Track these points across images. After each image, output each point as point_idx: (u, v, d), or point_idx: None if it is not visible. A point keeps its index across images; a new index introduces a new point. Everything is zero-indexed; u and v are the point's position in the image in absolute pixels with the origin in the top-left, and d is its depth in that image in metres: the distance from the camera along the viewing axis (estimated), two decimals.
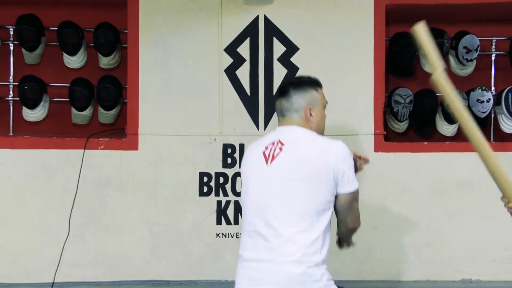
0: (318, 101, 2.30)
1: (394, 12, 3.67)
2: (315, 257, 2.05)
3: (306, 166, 2.05)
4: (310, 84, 2.30)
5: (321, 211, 2.05)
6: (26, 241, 3.52)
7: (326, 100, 2.35)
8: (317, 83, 2.34)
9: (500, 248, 3.61)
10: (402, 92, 3.71)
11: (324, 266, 2.10)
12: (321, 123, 2.32)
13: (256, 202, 2.11)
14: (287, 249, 2.01)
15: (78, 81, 3.74)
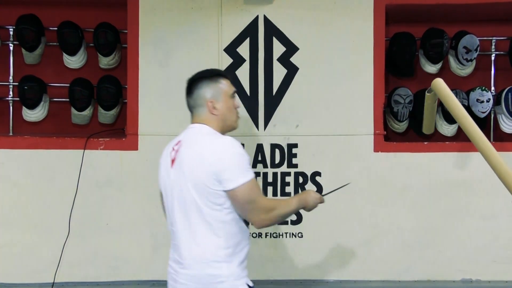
0: (221, 93, 2.27)
1: (394, 12, 3.67)
2: (218, 258, 2.11)
3: (197, 169, 2.11)
4: (211, 77, 2.28)
5: (218, 213, 2.10)
6: (26, 241, 3.52)
7: (234, 89, 2.32)
8: (219, 74, 2.32)
9: (500, 248, 3.61)
10: (402, 92, 3.71)
11: (230, 267, 2.13)
12: (228, 114, 2.28)
13: (166, 204, 2.29)
14: (191, 251, 2.13)
15: (78, 81, 3.75)
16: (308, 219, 3.58)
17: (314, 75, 3.58)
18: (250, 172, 2.13)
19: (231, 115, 2.29)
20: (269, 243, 3.59)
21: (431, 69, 3.82)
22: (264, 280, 3.57)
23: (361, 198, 3.58)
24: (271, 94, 3.58)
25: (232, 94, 2.30)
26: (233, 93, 2.30)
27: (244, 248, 2.22)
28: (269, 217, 2.15)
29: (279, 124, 3.56)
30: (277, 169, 3.56)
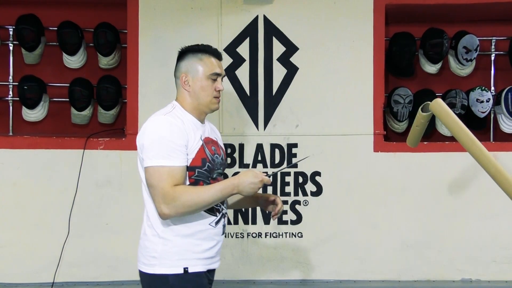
0: (198, 69, 2.17)
1: (394, 12, 3.67)
2: (148, 231, 2.26)
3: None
4: (194, 52, 2.20)
5: (147, 189, 2.18)
6: (26, 241, 3.52)
7: (218, 71, 2.18)
8: (205, 50, 2.21)
9: (500, 248, 3.61)
10: (402, 92, 3.71)
11: (160, 240, 2.19)
12: (201, 93, 2.17)
13: None
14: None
15: (78, 81, 3.74)
16: (308, 219, 3.58)
17: (314, 75, 3.58)
18: (163, 159, 2.06)
19: (204, 96, 2.18)
20: (269, 243, 3.59)
21: (431, 69, 3.82)
22: (264, 280, 3.57)
23: (361, 198, 3.58)
24: (271, 94, 3.58)
25: (211, 75, 2.17)
26: (213, 74, 2.17)
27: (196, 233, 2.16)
28: (170, 204, 2.03)
29: (279, 124, 3.56)
30: (277, 169, 3.56)
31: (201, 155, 2.14)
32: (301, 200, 3.58)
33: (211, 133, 2.28)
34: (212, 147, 2.21)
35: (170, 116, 2.15)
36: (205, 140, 2.19)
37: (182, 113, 2.20)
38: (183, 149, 2.09)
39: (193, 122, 2.19)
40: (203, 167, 2.14)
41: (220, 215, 2.21)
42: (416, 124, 2.41)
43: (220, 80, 2.21)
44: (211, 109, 2.22)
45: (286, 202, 3.58)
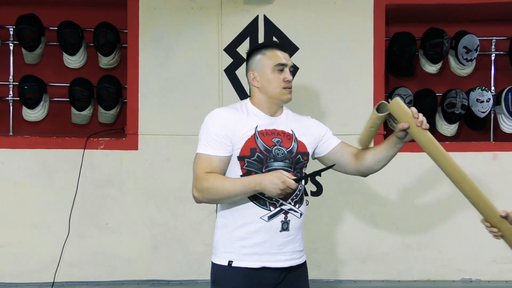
0: (261, 64, 2.27)
1: (394, 12, 3.67)
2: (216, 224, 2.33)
3: None
4: (258, 49, 2.30)
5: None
6: (26, 241, 3.52)
7: (281, 61, 2.25)
8: (267, 45, 2.31)
9: (500, 248, 3.57)
10: (402, 92, 3.70)
11: (217, 231, 2.29)
12: (268, 86, 2.25)
13: None
14: None
15: (78, 81, 3.75)
16: (308, 219, 3.57)
17: (314, 75, 3.58)
18: (204, 147, 2.17)
19: (272, 88, 2.25)
20: None
21: (431, 69, 3.82)
22: None
23: (361, 198, 3.58)
24: None
25: (275, 66, 2.24)
26: (278, 65, 2.24)
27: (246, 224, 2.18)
28: (198, 187, 2.14)
29: None
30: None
31: (250, 145, 2.18)
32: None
33: (286, 126, 2.29)
34: (273, 139, 2.22)
35: (225, 107, 2.27)
36: (262, 131, 2.22)
37: (245, 106, 2.29)
38: (223, 140, 2.16)
39: (255, 114, 2.26)
40: (252, 156, 2.16)
41: (276, 210, 2.19)
42: (371, 125, 2.25)
43: (288, 71, 2.26)
44: (283, 100, 2.27)
45: None
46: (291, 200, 2.22)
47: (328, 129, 2.45)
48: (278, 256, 2.21)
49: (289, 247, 2.24)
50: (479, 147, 3.63)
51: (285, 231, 2.21)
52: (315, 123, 2.44)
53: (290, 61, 2.29)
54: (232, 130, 2.18)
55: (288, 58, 2.29)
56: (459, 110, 3.66)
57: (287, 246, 2.23)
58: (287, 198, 2.20)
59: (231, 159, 2.21)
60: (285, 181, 2.02)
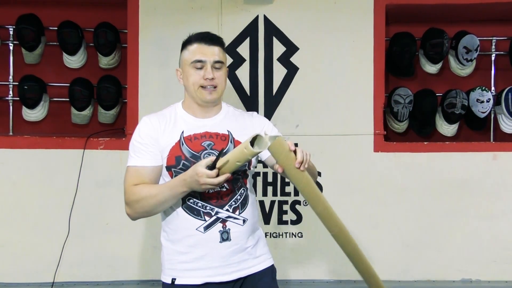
0: (182, 60, 2.11)
1: (394, 12, 3.67)
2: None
3: None
4: (184, 44, 2.16)
5: None
6: (26, 241, 3.52)
7: (197, 59, 2.03)
8: (191, 40, 2.13)
9: (500, 248, 3.61)
10: (402, 92, 3.71)
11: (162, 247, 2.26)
12: (186, 84, 2.08)
13: None
14: None
15: (78, 81, 3.75)
16: (308, 219, 3.58)
17: (314, 75, 3.58)
18: (131, 158, 2.03)
19: (189, 86, 2.06)
20: (269, 243, 3.58)
21: (431, 69, 3.82)
22: None
23: (361, 198, 3.58)
24: (271, 94, 3.57)
25: (192, 63, 2.04)
26: (194, 61, 2.03)
27: (183, 238, 2.05)
28: (127, 202, 2.01)
29: (279, 124, 3.56)
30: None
31: (175, 153, 2.01)
32: (301, 200, 3.58)
33: (222, 127, 2.08)
34: (203, 143, 2.03)
35: (153, 114, 2.12)
36: (190, 136, 2.03)
37: (175, 110, 2.13)
38: (149, 148, 2.01)
39: (183, 118, 2.10)
40: (178, 165, 1.99)
41: (212, 219, 2.01)
42: (239, 159, 1.81)
43: (210, 67, 2.03)
44: (202, 99, 2.06)
45: (286, 202, 3.58)
46: (229, 206, 2.03)
47: (272, 126, 2.24)
48: (223, 269, 2.03)
49: (234, 257, 2.04)
50: (479, 147, 3.63)
51: (226, 241, 2.01)
52: (259, 120, 2.22)
53: (215, 55, 2.04)
54: (156, 139, 2.02)
55: (215, 52, 2.05)
56: (459, 110, 3.66)
57: (232, 257, 2.04)
58: (222, 203, 2.02)
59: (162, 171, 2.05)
60: (198, 172, 1.80)
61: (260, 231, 2.21)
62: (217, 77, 2.05)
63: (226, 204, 2.03)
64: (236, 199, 2.06)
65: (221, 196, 2.03)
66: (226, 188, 2.03)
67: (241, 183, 2.08)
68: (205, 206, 2.01)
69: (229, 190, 2.04)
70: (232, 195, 2.04)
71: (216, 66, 2.05)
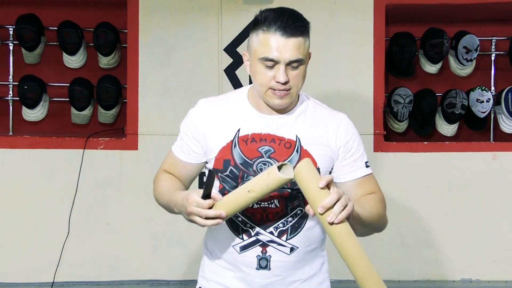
0: (252, 48, 1.61)
1: (394, 12, 3.67)
2: None
3: None
4: (257, 23, 1.69)
5: None
6: (26, 241, 3.52)
7: (267, 57, 1.55)
8: (259, 23, 1.66)
9: (500, 248, 3.61)
10: (402, 92, 3.70)
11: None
12: (253, 78, 1.61)
13: None
14: None
15: (78, 81, 3.75)
16: None
17: (314, 75, 3.57)
18: (175, 143, 1.77)
19: (257, 84, 1.60)
20: None
21: (431, 69, 3.82)
22: None
23: None
24: None
25: (261, 59, 1.56)
26: (264, 59, 1.55)
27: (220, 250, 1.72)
28: (153, 185, 1.82)
29: None
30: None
31: (225, 155, 1.64)
32: None
33: (291, 131, 1.65)
34: (260, 148, 1.62)
35: (212, 98, 1.75)
36: (247, 136, 1.64)
37: (237, 98, 1.71)
38: (189, 142, 1.71)
39: (243, 111, 1.68)
40: (225, 171, 1.63)
41: (250, 240, 1.64)
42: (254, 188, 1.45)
43: (283, 69, 1.56)
44: (270, 103, 1.62)
45: None
46: (274, 228, 1.63)
47: (358, 148, 1.75)
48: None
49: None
50: (479, 147, 3.63)
51: (264, 269, 1.64)
52: (346, 131, 1.73)
53: (293, 53, 1.56)
54: (203, 133, 1.67)
55: (294, 48, 1.57)
56: (459, 110, 3.66)
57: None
58: (267, 224, 1.63)
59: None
60: (189, 197, 1.48)
61: (321, 262, 1.86)
62: (293, 78, 1.62)
63: (271, 225, 1.63)
64: (285, 221, 1.65)
65: (267, 214, 1.64)
66: (276, 205, 1.63)
67: (298, 202, 1.65)
68: (245, 222, 1.64)
69: (279, 208, 1.63)
70: (281, 215, 1.63)
71: (293, 65, 1.60)
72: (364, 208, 1.60)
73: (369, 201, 1.71)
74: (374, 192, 1.81)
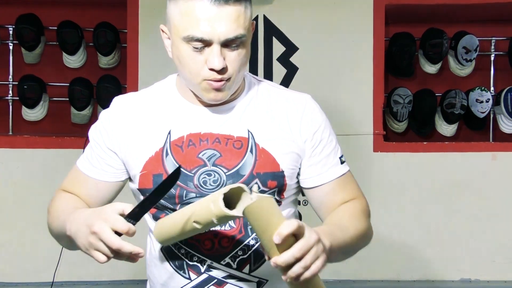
0: (171, 23, 1.25)
1: (394, 12, 3.67)
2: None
3: None
4: None
5: None
6: (26, 241, 3.52)
7: (193, 35, 1.13)
8: None
9: (499, 248, 3.61)
10: (402, 92, 3.71)
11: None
12: (178, 66, 1.24)
13: None
14: None
15: (78, 80, 3.75)
16: (308, 219, 3.57)
17: (314, 75, 3.58)
18: (82, 155, 1.41)
19: (186, 75, 1.20)
20: None
21: (431, 69, 3.82)
22: None
23: None
24: None
25: (187, 38, 1.14)
26: (192, 39, 1.13)
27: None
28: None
29: None
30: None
31: (154, 169, 1.23)
32: (301, 200, 3.58)
33: (242, 123, 1.25)
34: (201, 153, 1.21)
35: (127, 96, 1.36)
36: (182, 139, 1.23)
37: (164, 90, 1.34)
38: (100, 153, 1.33)
39: (174, 107, 1.28)
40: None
41: (202, 279, 1.22)
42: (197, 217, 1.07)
43: (217, 51, 1.12)
44: (204, 99, 1.22)
45: None
46: (231, 258, 1.22)
47: (329, 139, 1.38)
48: None
49: None
50: (478, 147, 3.64)
51: None
52: (310, 116, 1.38)
53: (230, 26, 1.11)
54: (119, 142, 1.26)
55: (229, 20, 1.11)
56: (458, 110, 3.67)
57: None
58: (221, 253, 1.21)
59: (134, 191, 1.30)
60: (103, 214, 1.11)
61: None
62: (231, 62, 1.16)
63: (227, 254, 1.22)
64: (246, 246, 1.22)
65: (220, 239, 1.21)
66: (231, 225, 1.21)
67: None
68: (190, 254, 1.21)
69: (235, 229, 1.22)
70: (239, 238, 1.21)
71: (232, 45, 1.15)
72: (345, 231, 1.22)
73: (350, 217, 1.32)
74: (354, 198, 1.38)
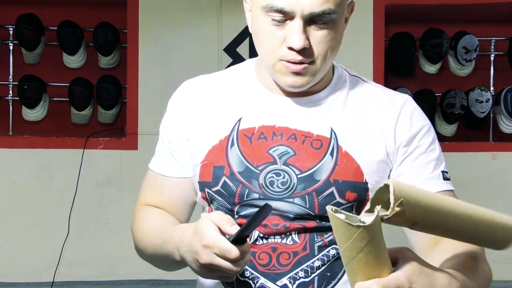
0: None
1: (394, 12, 3.67)
2: None
3: None
4: None
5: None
6: (26, 241, 3.52)
7: (273, 5, 0.94)
8: None
9: None
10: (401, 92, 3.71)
11: None
12: (256, 43, 1.03)
13: None
14: None
15: (78, 80, 3.75)
16: None
17: None
18: (153, 158, 1.25)
19: (262, 52, 1.02)
20: None
21: (431, 69, 3.82)
22: None
23: None
24: None
25: (267, 7, 0.95)
26: (272, 10, 0.95)
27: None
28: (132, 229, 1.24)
29: None
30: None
31: (214, 161, 1.06)
32: None
33: (324, 119, 1.05)
34: (271, 149, 1.03)
35: (198, 79, 1.21)
36: (251, 130, 1.05)
37: (242, 73, 1.13)
38: (174, 145, 1.18)
39: (249, 93, 1.10)
40: (214, 185, 1.06)
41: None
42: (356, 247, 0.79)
43: (298, 27, 0.94)
44: (279, 82, 1.03)
45: None
46: (290, 279, 1.04)
47: (431, 148, 1.16)
48: None
49: None
50: (478, 147, 3.64)
51: None
52: (409, 118, 1.12)
53: (321, 0, 0.96)
54: (189, 128, 1.13)
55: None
56: (458, 110, 3.67)
57: None
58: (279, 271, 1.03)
59: (195, 186, 1.13)
60: (204, 239, 0.86)
61: None
62: (317, 44, 0.98)
63: (285, 274, 1.03)
64: (310, 267, 1.04)
65: (279, 255, 1.03)
66: (294, 240, 1.03)
67: (332, 236, 1.04)
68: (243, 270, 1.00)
69: (299, 246, 1.04)
70: (302, 257, 1.03)
71: (319, 21, 0.98)
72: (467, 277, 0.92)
73: (469, 259, 1.00)
74: None
